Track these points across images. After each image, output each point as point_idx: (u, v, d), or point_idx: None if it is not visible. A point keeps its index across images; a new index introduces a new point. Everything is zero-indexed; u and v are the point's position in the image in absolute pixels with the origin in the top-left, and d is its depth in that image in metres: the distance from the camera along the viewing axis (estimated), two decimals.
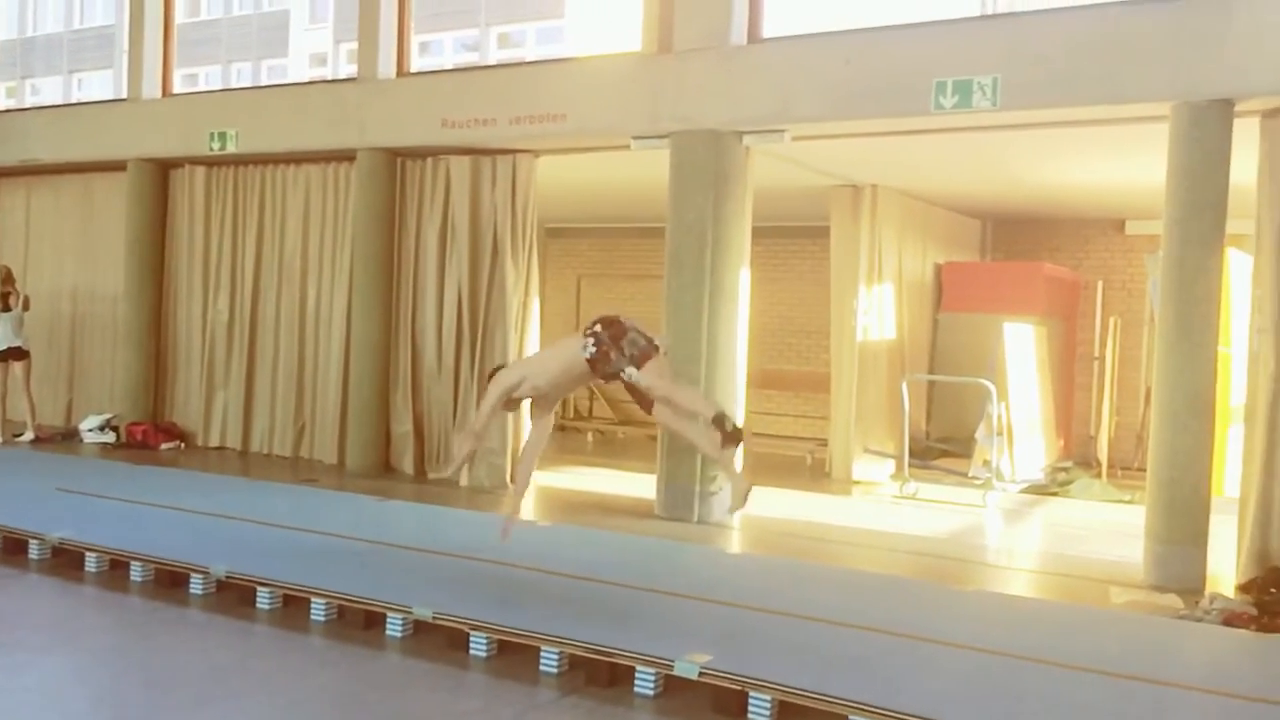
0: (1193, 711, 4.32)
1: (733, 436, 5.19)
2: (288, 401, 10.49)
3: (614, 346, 5.24)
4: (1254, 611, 5.79)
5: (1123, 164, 8.94)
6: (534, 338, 9.45)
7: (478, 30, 26.89)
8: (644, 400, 5.45)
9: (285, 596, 5.47)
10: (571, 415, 14.27)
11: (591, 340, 5.29)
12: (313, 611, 5.32)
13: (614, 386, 14.33)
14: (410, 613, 5.07)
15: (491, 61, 24.04)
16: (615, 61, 8.96)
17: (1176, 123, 6.62)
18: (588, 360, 5.30)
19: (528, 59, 21.64)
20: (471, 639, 4.87)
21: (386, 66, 9.69)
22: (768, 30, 8.15)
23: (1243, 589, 6.31)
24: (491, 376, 5.65)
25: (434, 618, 4.99)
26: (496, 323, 9.29)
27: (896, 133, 7.90)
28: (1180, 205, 6.64)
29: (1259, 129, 6.59)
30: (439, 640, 4.98)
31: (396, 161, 9.76)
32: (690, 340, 8.04)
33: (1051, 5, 7.68)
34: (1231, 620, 5.67)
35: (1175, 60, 6.57)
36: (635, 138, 8.40)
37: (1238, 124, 6.51)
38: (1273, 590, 6.07)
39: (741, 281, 8.26)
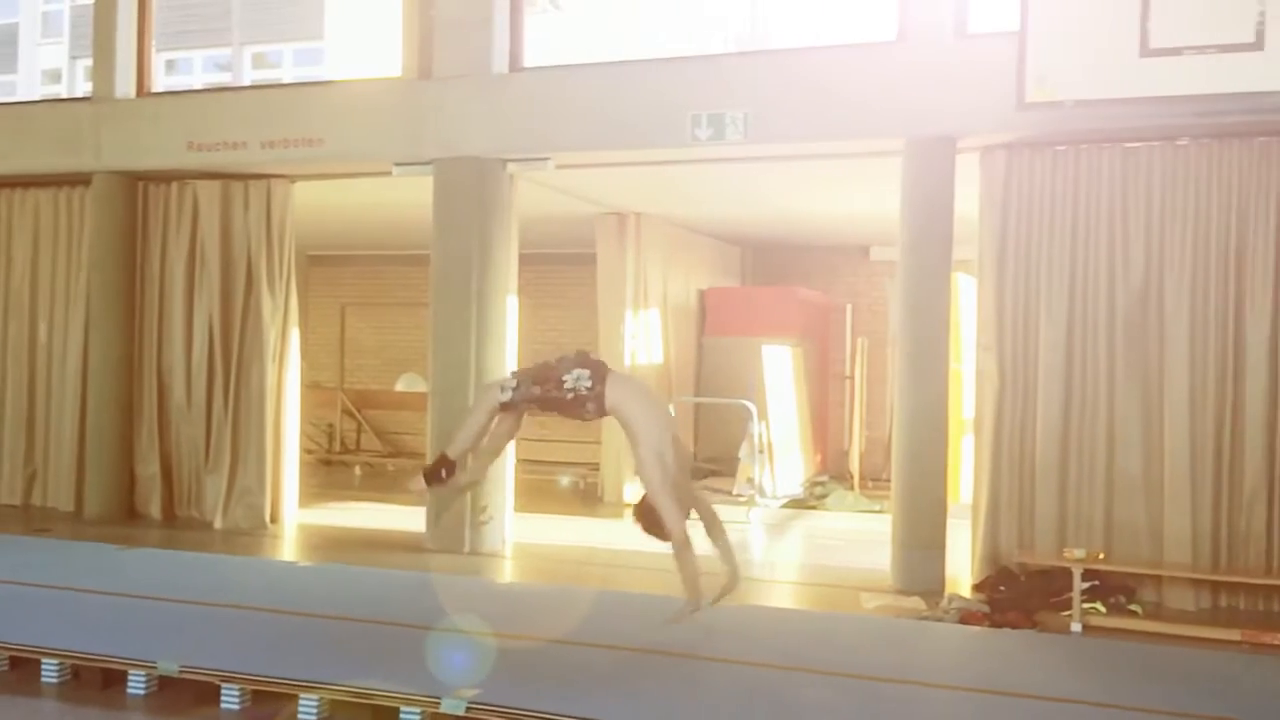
0: (934, 706, 4.62)
1: None
2: (16, 445, 9.61)
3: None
4: (987, 609, 6.28)
5: (864, 195, 9.52)
6: (294, 370, 9.08)
7: (230, 49, 25.69)
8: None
9: (11, 658, 5.01)
10: (338, 449, 13.80)
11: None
12: (43, 673, 4.89)
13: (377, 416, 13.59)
14: (154, 668, 4.74)
15: (245, 82, 23.02)
16: (375, 86, 8.79)
17: (907, 158, 7.14)
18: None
19: (284, 80, 20.88)
20: (223, 691, 4.60)
21: (125, 85, 9.09)
22: (529, 60, 8.21)
23: (977, 588, 6.82)
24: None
25: (180, 671, 4.69)
26: (253, 355, 8.86)
27: (656, 163, 8.13)
28: (913, 234, 7.16)
29: (978, 164, 7.19)
30: (187, 696, 4.68)
31: (137, 186, 9.16)
32: (458, 368, 7.96)
33: (796, 45, 8.14)
34: (967, 619, 6.12)
35: (903, 99, 7.07)
36: (397, 164, 8.25)
37: (960, 159, 7.08)
38: (1002, 589, 6.60)
39: (509, 308, 8.24)
